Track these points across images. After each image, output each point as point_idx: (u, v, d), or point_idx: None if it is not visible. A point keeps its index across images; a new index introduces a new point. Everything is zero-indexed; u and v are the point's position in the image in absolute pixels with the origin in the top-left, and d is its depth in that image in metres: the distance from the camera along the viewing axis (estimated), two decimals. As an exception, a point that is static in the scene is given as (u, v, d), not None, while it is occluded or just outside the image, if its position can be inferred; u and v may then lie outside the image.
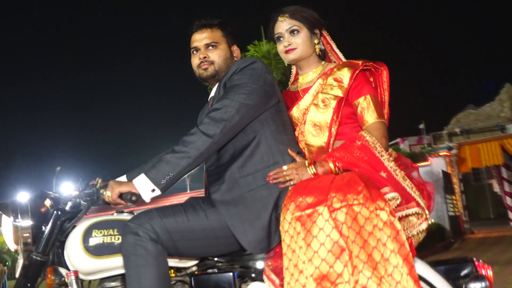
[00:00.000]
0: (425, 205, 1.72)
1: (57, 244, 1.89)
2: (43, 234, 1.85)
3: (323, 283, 1.49)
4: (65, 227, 1.90)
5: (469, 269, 1.85)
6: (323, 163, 1.81)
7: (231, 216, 1.77)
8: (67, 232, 1.89)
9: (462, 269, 1.86)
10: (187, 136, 1.76)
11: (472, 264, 1.86)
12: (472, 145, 14.49)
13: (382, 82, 2.02)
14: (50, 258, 1.87)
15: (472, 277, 1.80)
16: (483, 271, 1.84)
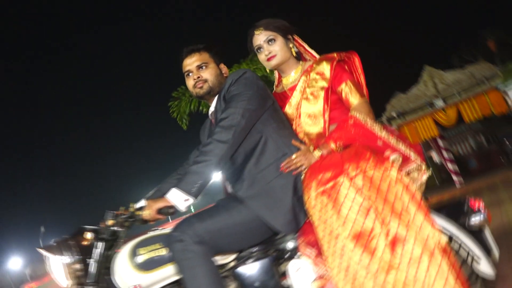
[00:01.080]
0: (421, 160, 1.83)
1: (104, 271, 1.88)
2: (91, 265, 1.84)
3: (359, 240, 1.56)
4: (109, 254, 1.89)
5: (466, 207, 1.96)
6: (325, 145, 1.90)
7: (259, 207, 1.82)
8: (112, 258, 1.88)
9: (460, 208, 1.97)
10: (204, 147, 1.82)
11: (466, 202, 1.98)
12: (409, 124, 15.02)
13: (356, 68, 2.14)
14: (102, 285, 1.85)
15: (471, 213, 1.91)
16: (477, 205, 1.95)
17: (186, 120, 7.19)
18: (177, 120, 7.12)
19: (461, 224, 1.93)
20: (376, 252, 1.54)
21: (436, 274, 1.47)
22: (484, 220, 1.87)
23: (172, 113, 7.11)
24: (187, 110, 7.08)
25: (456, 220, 1.94)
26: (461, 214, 1.95)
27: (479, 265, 1.85)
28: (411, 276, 1.48)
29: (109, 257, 1.88)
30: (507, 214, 5.86)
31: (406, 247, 1.52)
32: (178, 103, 7.12)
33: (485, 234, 1.93)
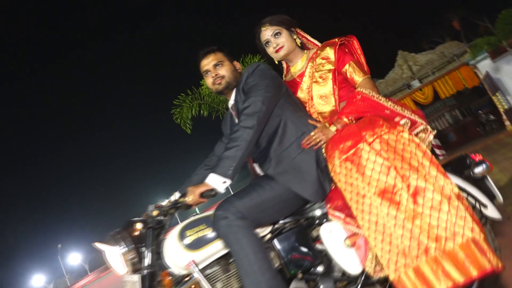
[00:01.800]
0: (425, 122, 1.94)
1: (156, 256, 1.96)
2: (143, 252, 1.92)
3: (385, 196, 1.67)
4: (158, 240, 1.97)
5: (468, 160, 2.07)
6: (339, 120, 2.00)
7: (289, 181, 1.92)
8: (161, 244, 1.96)
9: (463, 163, 2.08)
10: (233, 134, 1.92)
11: (468, 157, 2.09)
12: (390, 106, 15.24)
13: (355, 49, 2.25)
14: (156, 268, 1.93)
15: (474, 164, 2.02)
16: (477, 158, 2.07)
17: (190, 125, 7.33)
18: (181, 125, 7.27)
19: (466, 176, 2.04)
20: (401, 204, 1.64)
21: (456, 215, 1.58)
22: (487, 169, 1.98)
23: (175, 119, 7.27)
24: (190, 115, 7.21)
25: (461, 173, 2.05)
26: (465, 168, 2.06)
27: (487, 210, 1.96)
28: (435, 219, 1.59)
29: (158, 243, 1.97)
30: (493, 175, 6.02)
31: (426, 196, 1.63)
32: (180, 109, 7.27)
33: (488, 182, 2.04)
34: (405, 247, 1.61)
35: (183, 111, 7.22)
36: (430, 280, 1.56)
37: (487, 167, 1.98)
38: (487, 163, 1.99)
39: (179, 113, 7.28)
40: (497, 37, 11.69)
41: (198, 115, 7.32)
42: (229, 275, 1.95)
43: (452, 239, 1.56)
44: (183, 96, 7.27)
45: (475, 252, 1.53)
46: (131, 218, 2.06)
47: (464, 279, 1.52)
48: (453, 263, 1.54)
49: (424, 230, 1.60)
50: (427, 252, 1.58)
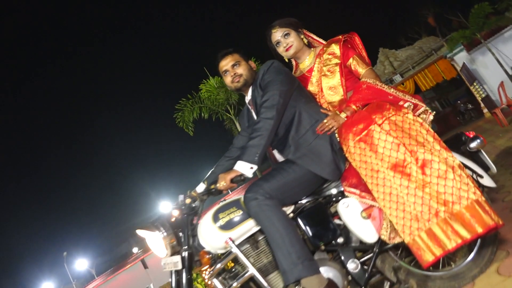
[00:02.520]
0: (425, 104, 2.11)
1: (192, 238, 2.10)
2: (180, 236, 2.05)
3: (397, 169, 1.83)
4: (193, 224, 2.11)
5: (463, 137, 2.24)
6: (348, 108, 2.16)
7: (309, 163, 2.07)
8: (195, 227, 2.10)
9: (459, 139, 2.24)
10: (255, 126, 2.06)
11: (463, 134, 2.25)
12: (375, 101, 15.49)
13: (357, 44, 2.41)
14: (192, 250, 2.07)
15: (469, 140, 2.19)
16: (471, 135, 2.23)
17: (192, 127, 7.47)
18: (184, 128, 7.40)
19: (462, 152, 2.20)
20: (411, 175, 1.81)
21: (460, 182, 1.75)
22: (481, 143, 2.15)
23: (178, 123, 7.40)
24: (191, 118, 7.35)
25: (458, 149, 2.21)
26: (461, 144, 2.22)
27: (483, 180, 2.13)
28: (442, 187, 1.76)
29: (193, 227, 2.10)
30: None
31: (433, 167, 1.79)
32: (182, 113, 7.41)
33: (482, 155, 2.21)
34: (418, 213, 1.77)
35: (185, 114, 7.37)
36: (442, 239, 1.73)
37: (481, 141, 2.15)
38: (481, 138, 2.15)
39: (181, 117, 7.43)
40: (471, 30, 11.98)
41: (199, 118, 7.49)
42: (258, 252, 2.09)
43: (458, 202, 1.73)
44: (184, 100, 7.42)
45: (479, 211, 1.70)
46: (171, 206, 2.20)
47: (471, 235, 1.69)
48: (460, 223, 1.70)
49: (433, 197, 1.76)
50: (437, 215, 1.74)
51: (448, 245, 1.71)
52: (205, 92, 7.32)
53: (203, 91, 7.29)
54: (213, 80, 7.32)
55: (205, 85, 7.38)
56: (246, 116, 2.52)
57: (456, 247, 1.71)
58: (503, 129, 8.20)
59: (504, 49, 12.45)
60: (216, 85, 7.22)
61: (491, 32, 12.64)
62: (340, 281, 1.97)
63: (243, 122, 2.56)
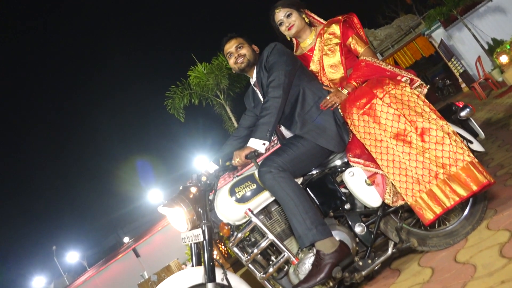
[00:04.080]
0: (419, 79, 2.28)
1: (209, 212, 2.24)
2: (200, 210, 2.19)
3: (398, 138, 2.02)
4: (210, 199, 2.25)
5: (454, 107, 2.42)
6: (349, 85, 2.32)
7: (315, 137, 2.23)
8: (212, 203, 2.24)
9: (450, 109, 2.43)
10: (264, 104, 2.21)
11: (453, 104, 2.44)
12: (357, 81, 15.72)
13: (355, 24, 2.55)
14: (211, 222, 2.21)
15: (459, 109, 2.37)
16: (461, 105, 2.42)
17: (183, 114, 7.56)
18: (175, 115, 7.49)
19: (453, 120, 2.39)
20: (412, 143, 2.00)
21: (456, 146, 1.94)
22: (471, 111, 2.34)
23: (168, 110, 7.47)
24: (182, 105, 7.43)
25: (449, 118, 2.39)
26: (451, 113, 2.41)
27: (473, 145, 2.33)
28: (440, 151, 1.95)
29: (210, 202, 2.25)
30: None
31: (431, 134, 1.98)
32: (172, 100, 7.48)
33: (471, 123, 2.40)
34: (419, 176, 1.97)
35: (175, 101, 7.43)
36: (441, 198, 1.93)
37: (470, 110, 2.34)
38: (470, 107, 2.34)
39: (171, 104, 7.50)
40: (447, 7, 12.26)
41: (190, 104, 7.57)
42: (272, 221, 2.26)
43: (455, 165, 1.92)
44: (173, 87, 7.49)
45: (474, 171, 1.90)
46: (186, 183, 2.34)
47: (467, 193, 1.89)
48: (458, 183, 1.90)
49: (432, 161, 1.95)
50: (436, 177, 1.94)
51: (447, 203, 1.91)
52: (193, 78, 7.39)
53: (192, 77, 7.37)
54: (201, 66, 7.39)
55: (193, 71, 7.47)
56: (251, 97, 2.65)
57: (454, 204, 1.91)
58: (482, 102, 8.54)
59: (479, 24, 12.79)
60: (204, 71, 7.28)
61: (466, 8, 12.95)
62: (350, 243, 2.16)
63: (249, 102, 2.69)
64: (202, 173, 2.35)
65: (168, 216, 2.24)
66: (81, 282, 18.14)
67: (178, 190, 2.30)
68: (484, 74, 9.31)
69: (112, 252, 19.85)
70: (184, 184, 2.30)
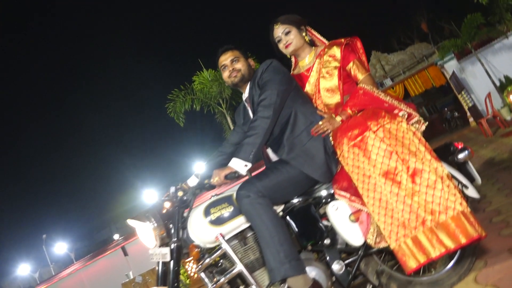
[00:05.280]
0: (418, 114, 2.15)
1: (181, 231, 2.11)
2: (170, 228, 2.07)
3: (388, 176, 1.87)
4: (184, 217, 2.12)
5: (452, 148, 2.28)
6: (344, 112, 2.19)
7: (301, 164, 2.10)
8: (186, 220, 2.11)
9: (448, 149, 2.29)
10: (252, 124, 2.08)
11: (452, 144, 2.30)
12: (364, 103, 15.63)
13: (358, 49, 2.43)
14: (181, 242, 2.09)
15: (457, 151, 2.23)
16: (459, 146, 2.28)
17: (183, 118, 7.47)
18: (175, 118, 7.41)
19: (450, 161, 2.25)
20: (402, 183, 1.85)
21: (448, 192, 1.80)
22: (469, 155, 2.20)
23: (169, 113, 7.40)
24: (183, 109, 7.35)
25: (446, 159, 2.26)
26: (449, 154, 2.27)
27: (468, 190, 2.18)
28: (430, 196, 1.81)
29: (184, 220, 2.12)
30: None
31: (423, 176, 1.84)
32: (173, 103, 7.41)
33: (469, 166, 2.26)
34: (405, 220, 1.82)
35: (177, 105, 7.36)
36: (426, 247, 1.78)
37: (469, 153, 2.20)
38: (469, 150, 2.21)
39: (172, 107, 7.43)
40: (462, 39, 12.15)
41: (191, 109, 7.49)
42: (246, 248, 2.12)
43: (445, 213, 1.78)
44: (176, 91, 7.42)
45: (464, 222, 1.75)
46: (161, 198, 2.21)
47: (455, 245, 1.74)
48: (446, 233, 1.76)
49: (421, 205, 1.81)
50: (424, 223, 1.79)
51: (432, 254, 1.76)
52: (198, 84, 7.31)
53: (196, 83, 7.30)
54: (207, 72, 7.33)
55: (198, 77, 7.40)
56: (242, 113, 2.54)
57: (440, 255, 1.76)
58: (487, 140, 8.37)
59: (493, 60, 12.67)
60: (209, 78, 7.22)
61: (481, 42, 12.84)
62: (325, 281, 2.01)
63: (239, 118, 2.57)
64: (179, 187, 2.22)
65: (137, 229, 2.11)
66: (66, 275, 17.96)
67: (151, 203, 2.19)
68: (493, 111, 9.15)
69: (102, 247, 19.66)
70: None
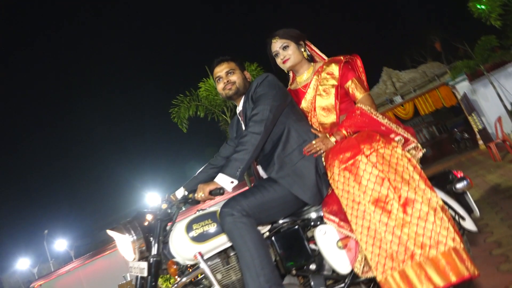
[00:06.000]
0: (416, 140, 2.05)
1: (162, 246, 2.03)
2: (151, 241, 1.99)
3: (378, 204, 1.77)
4: (166, 231, 2.04)
5: (451, 176, 2.19)
6: (338, 132, 2.10)
7: (291, 184, 2.01)
8: (168, 234, 2.03)
9: (446, 178, 2.19)
10: (242, 139, 2.00)
11: (451, 173, 2.20)
12: (373, 119, 15.50)
13: (358, 67, 2.34)
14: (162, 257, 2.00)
15: (456, 180, 2.14)
16: (459, 175, 2.18)
17: (186, 124, 7.42)
18: (178, 124, 7.36)
19: (448, 190, 2.15)
20: (392, 213, 1.75)
21: (441, 225, 1.69)
22: (468, 185, 2.10)
23: (172, 118, 7.36)
24: (187, 115, 7.31)
25: (443, 187, 2.16)
26: (447, 183, 2.17)
27: (465, 222, 2.08)
28: (421, 228, 1.70)
29: (166, 234, 2.04)
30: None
31: (415, 207, 1.74)
32: (177, 109, 7.36)
33: (467, 197, 2.16)
34: (393, 252, 1.72)
35: (181, 111, 7.32)
36: (414, 283, 1.67)
37: (467, 183, 2.10)
38: (468, 180, 2.10)
39: (176, 112, 7.39)
40: (475, 61, 11.97)
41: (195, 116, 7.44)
42: (228, 268, 2.03)
43: (435, 247, 1.67)
44: (181, 97, 7.39)
45: (456, 260, 1.64)
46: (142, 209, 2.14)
47: (444, 284, 1.63)
48: (435, 269, 1.65)
49: (411, 238, 1.70)
50: (412, 257, 1.69)
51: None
52: (203, 91, 7.27)
53: (202, 89, 7.25)
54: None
55: (204, 84, 7.37)
56: (235, 126, 2.46)
57: None
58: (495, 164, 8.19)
59: (506, 83, 12.47)
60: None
61: (494, 65, 12.66)
62: (307, 309, 1.91)
63: (232, 131, 2.50)
64: (166, 199, 2.14)
65: (116, 240, 2.03)
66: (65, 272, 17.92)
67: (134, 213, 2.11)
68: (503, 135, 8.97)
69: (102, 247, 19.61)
70: None
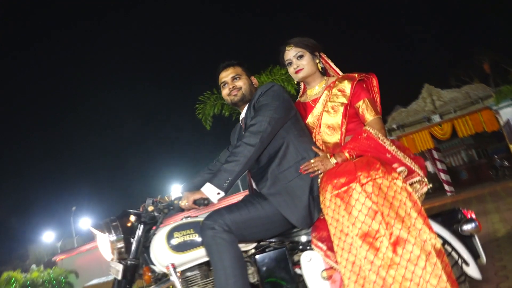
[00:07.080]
0: (423, 174, 1.88)
1: (142, 249, 1.96)
2: (132, 243, 1.93)
3: (366, 239, 1.63)
4: (148, 235, 1.97)
5: (460, 215, 2.01)
6: (340, 154, 1.96)
7: (280, 203, 1.90)
8: (150, 239, 1.96)
9: (454, 217, 2.02)
10: (235, 149, 1.90)
11: (460, 211, 2.02)
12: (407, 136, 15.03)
13: (373, 87, 2.18)
14: (140, 261, 1.94)
15: (464, 221, 1.96)
16: (469, 215, 2.00)
17: (210, 122, 7.42)
18: (202, 121, 7.36)
19: (454, 231, 1.98)
20: (380, 250, 1.60)
21: (431, 272, 1.54)
22: (476, 228, 1.91)
23: (197, 114, 7.37)
24: (211, 113, 7.29)
25: (450, 226, 1.98)
26: (454, 222, 1.99)
27: (468, 268, 1.90)
28: (410, 273, 1.55)
29: (148, 238, 1.97)
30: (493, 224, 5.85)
31: (406, 248, 1.59)
32: (203, 105, 7.35)
33: (475, 241, 1.98)
34: None
35: (206, 108, 7.30)
36: None
37: (476, 226, 1.92)
38: (477, 223, 1.92)
39: (202, 109, 7.39)
40: (524, 87, 11.36)
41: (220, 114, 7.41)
42: (207, 282, 1.94)
43: None
44: (208, 93, 7.37)
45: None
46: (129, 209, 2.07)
47: None
48: None
49: (396, 281, 1.55)
50: (396, 303, 1.54)
51: None
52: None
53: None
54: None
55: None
56: (237, 133, 2.36)
57: None
58: (530, 199, 7.70)
59: (554, 115, 11.75)
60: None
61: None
62: None
63: (234, 138, 2.40)
64: (156, 201, 2.07)
65: (97, 238, 1.99)
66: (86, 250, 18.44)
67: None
68: (543, 169, 8.43)
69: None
70: None
